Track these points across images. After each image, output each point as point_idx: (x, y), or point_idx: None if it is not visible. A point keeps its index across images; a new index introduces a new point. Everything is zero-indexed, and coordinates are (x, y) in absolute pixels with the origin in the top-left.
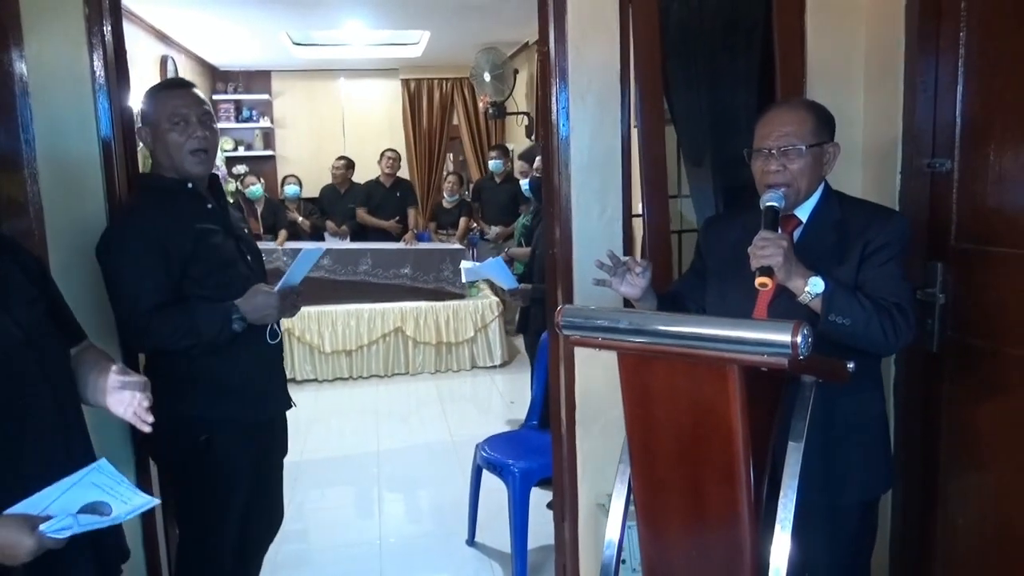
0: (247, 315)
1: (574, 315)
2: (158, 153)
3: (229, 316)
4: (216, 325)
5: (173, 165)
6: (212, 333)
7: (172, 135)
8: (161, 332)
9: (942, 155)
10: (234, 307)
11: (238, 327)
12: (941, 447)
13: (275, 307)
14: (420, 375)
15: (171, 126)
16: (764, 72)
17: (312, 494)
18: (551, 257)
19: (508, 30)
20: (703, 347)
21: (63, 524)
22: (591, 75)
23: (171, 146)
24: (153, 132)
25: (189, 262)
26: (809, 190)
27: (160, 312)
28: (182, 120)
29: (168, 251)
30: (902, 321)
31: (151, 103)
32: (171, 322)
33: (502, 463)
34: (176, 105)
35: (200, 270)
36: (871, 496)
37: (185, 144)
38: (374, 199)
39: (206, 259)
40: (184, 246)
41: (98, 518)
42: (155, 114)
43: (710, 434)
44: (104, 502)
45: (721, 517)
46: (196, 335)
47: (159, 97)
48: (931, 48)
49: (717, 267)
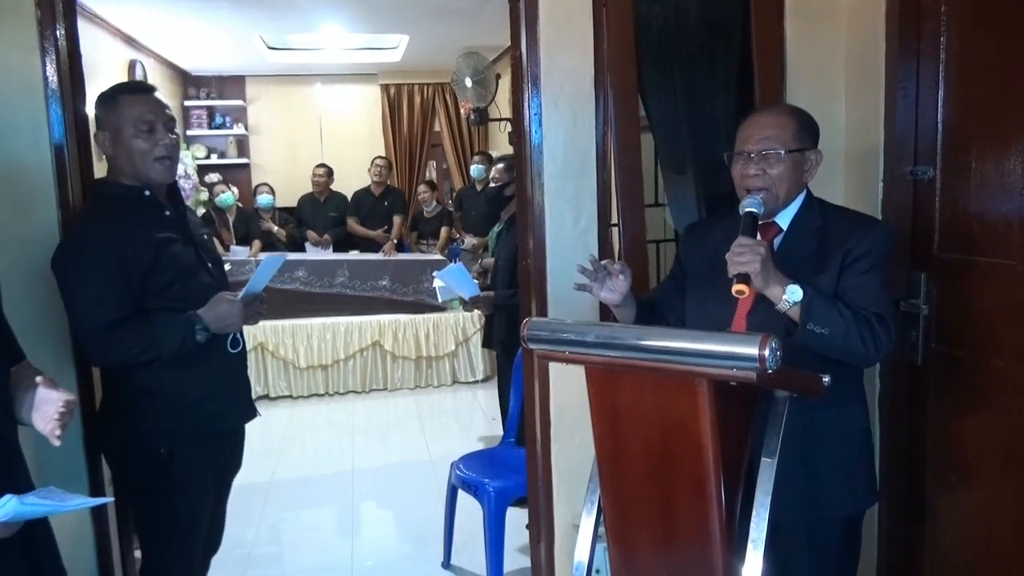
0: (210, 324)
1: (540, 328)
2: (119, 159)
3: (192, 327)
4: (178, 337)
5: (135, 172)
6: (174, 346)
7: (137, 142)
8: (121, 346)
9: (924, 162)
10: (196, 317)
11: (201, 338)
12: (927, 461)
13: (239, 315)
14: (399, 391)
15: (136, 132)
16: (743, 78)
17: (285, 515)
18: (524, 268)
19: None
20: (671, 361)
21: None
22: (564, 81)
23: (136, 153)
24: (114, 138)
25: (149, 272)
26: (788, 196)
27: (120, 325)
28: (148, 127)
29: (126, 261)
30: (882, 331)
31: (111, 107)
32: (131, 335)
33: (477, 482)
34: (142, 111)
35: (160, 280)
36: (854, 511)
37: (152, 151)
38: (363, 208)
39: (166, 269)
40: (143, 256)
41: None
42: (117, 119)
43: (680, 450)
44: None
45: (693, 536)
46: (157, 348)
47: (121, 101)
48: (912, 53)
49: (696, 274)
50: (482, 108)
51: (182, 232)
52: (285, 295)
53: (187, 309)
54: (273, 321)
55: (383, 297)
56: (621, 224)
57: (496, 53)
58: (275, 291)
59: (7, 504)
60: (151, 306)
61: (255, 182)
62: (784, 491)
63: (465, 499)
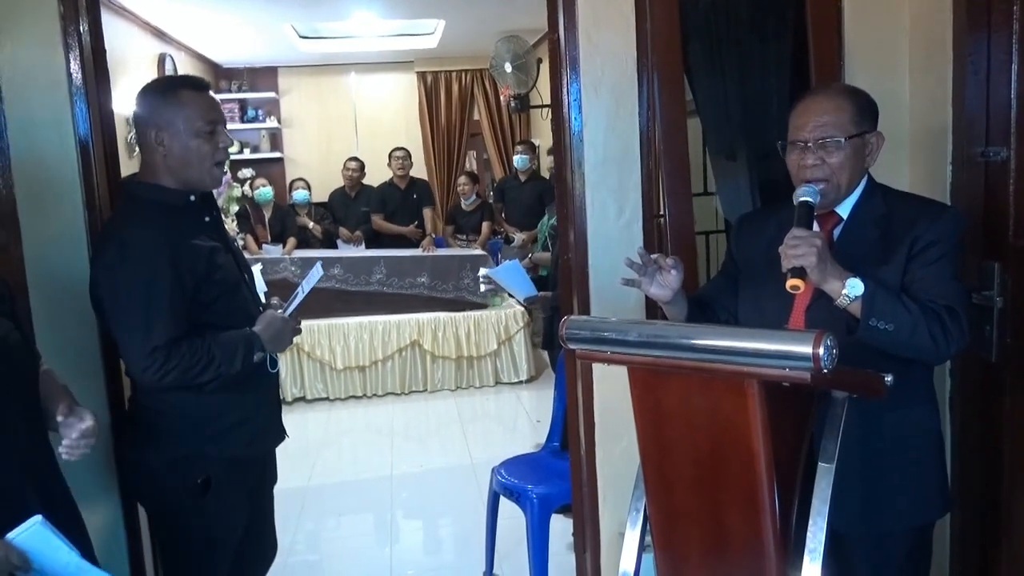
0: (266, 344)
1: (579, 327)
2: (171, 160)
3: (251, 346)
4: (239, 357)
5: (187, 174)
6: (236, 366)
7: (199, 142)
8: (180, 367)
9: (997, 143)
10: (256, 336)
11: (258, 358)
12: (1004, 466)
13: (291, 334)
14: (439, 392)
15: (198, 133)
16: (797, 56)
17: (323, 522)
18: (565, 263)
19: (528, 17)
20: (719, 361)
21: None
22: (605, 64)
23: (195, 155)
24: (170, 136)
25: (202, 284)
26: (850, 184)
27: (178, 344)
28: (212, 128)
29: (181, 273)
30: (953, 326)
31: (171, 103)
32: (190, 355)
33: (519, 488)
34: (206, 110)
35: (211, 293)
36: (923, 522)
37: (213, 155)
38: (389, 204)
39: (217, 281)
40: (197, 267)
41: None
42: (177, 116)
43: (730, 456)
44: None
45: (744, 546)
46: (217, 368)
47: (183, 98)
48: (982, 24)
49: (750, 269)
50: (523, 94)
51: (222, 240)
52: (320, 294)
53: (230, 324)
54: (309, 321)
55: (422, 295)
56: (668, 215)
57: (537, 36)
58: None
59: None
60: (198, 321)
61: (289, 176)
62: (845, 499)
63: (508, 506)
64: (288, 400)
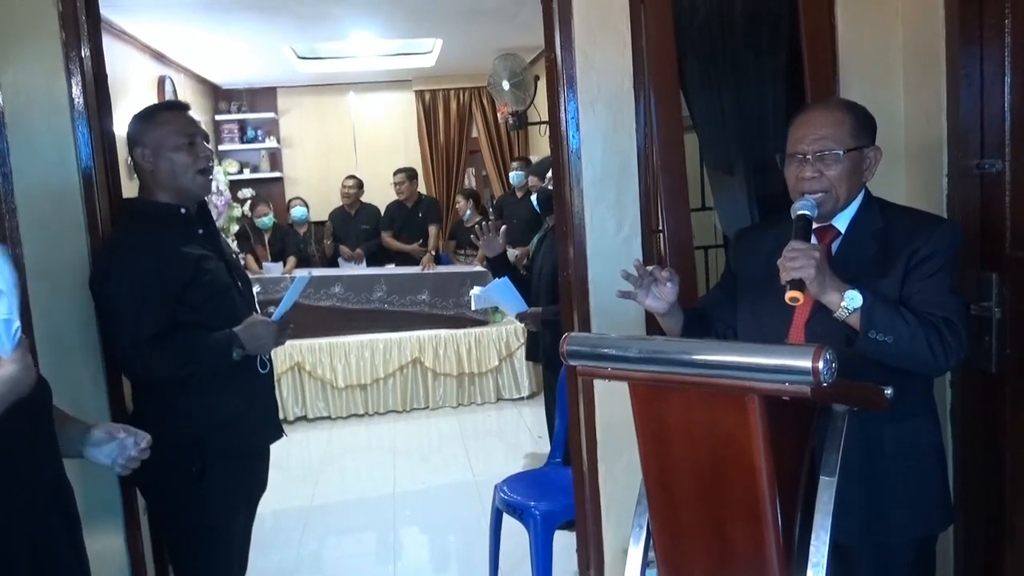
0: (246, 344)
1: (580, 343)
2: (159, 175)
3: (230, 345)
4: (217, 354)
5: (175, 187)
6: (213, 362)
7: (179, 155)
8: (162, 361)
9: (992, 155)
10: (234, 336)
11: (237, 356)
12: (1006, 477)
13: (272, 337)
14: (441, 409)
15: (178, 146)
16: (792, 70)
17: (326, 541)
18: (565, 279)
19: (525, 35)
20: (719, 375)
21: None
22: (601, 81)
23: (178, 166)
24: (155, 153)
25: (187, 288)
26: (849, 197)
27: (160, 340)
28: (189, 140)
29: (165, 277)
30: (952, 338)
31: (150, 124)
32: (172, 350)
33: (522, 505)
34: (183, 125)
35: (197, 296)
36: (925, 534)
37: (194, 164)
38: (397, 222)
39: (204, 285)
40: (182, 272)
41: None
42: (157, 135)
43: (732, 470)
44: None
45: (748, 561)
46: (197, 363)
47: (161, 118)
48: (974, 37)
49: (748, 282)
50: (521, 112)
51: (215, 250)
52: (321, 312)
53: (218, 326)
54: (310, 340)
55: (423, 312)
56: (666, 230)
57: (534, 54)
58: (311, 308)
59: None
60: (184, 320)
61: (288, 196)
62: (848, 512)
63: (511, 523)
64: (290, 419)
